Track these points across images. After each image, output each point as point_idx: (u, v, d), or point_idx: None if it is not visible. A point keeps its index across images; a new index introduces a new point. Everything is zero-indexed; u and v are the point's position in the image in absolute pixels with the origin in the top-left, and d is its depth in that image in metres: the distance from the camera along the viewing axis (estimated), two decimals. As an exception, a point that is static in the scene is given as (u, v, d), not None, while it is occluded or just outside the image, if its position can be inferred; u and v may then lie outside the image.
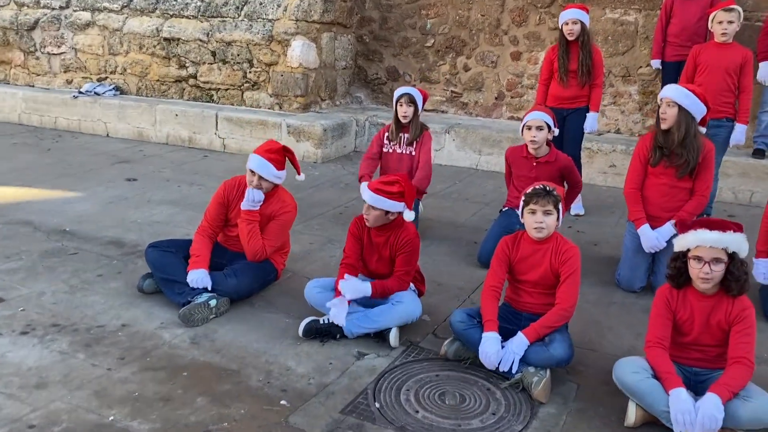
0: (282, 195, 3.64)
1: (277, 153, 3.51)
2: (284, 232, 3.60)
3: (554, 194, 2.86)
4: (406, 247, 3.20)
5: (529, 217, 2.90)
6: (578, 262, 2.90)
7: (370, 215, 3.14)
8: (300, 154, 6.74)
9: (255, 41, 7.25)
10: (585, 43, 4.97)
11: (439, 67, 7.65)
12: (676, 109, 3.54)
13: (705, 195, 3.59)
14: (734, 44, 4.52)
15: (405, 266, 3.20)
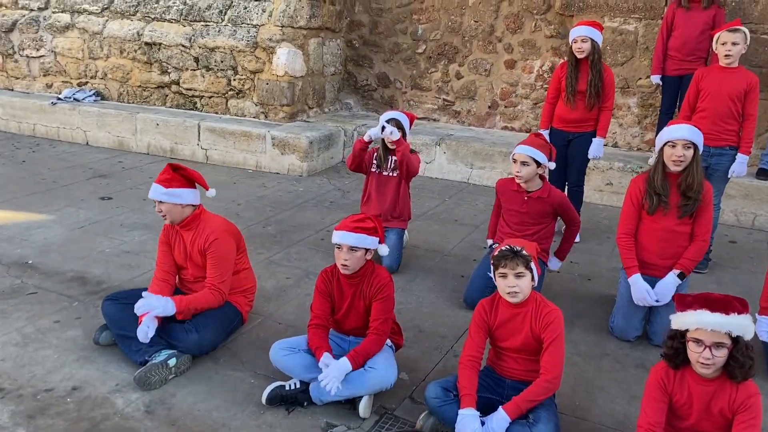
0: (207, 222, 3.30)
1: (165, 173, 3.23)
2: (225, 264, 3.26)
3: (523, 255, 2.61)
4: (382, 293, 2.95)
5: (501, 282, 2.65)
6: (561, 327, 2.66)
7: (351, 259, 2.87)
8: (285, 167, 6.49)
9: (239, 48, 6.95)
10: (595, 62, 4.68)
11: (431, 74, 7.36)
12: (692, 150, 3.28)
13: (706, 239, 3.35)
14: (740, 69, 4.24)
15: (382, 314, 2.95)
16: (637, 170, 5.80)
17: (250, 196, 5.76)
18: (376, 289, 2.95)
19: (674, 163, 3.27)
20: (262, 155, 6.58)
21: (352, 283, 2.98)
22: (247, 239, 4.73)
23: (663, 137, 3.31)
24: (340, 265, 2.90)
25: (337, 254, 2.89)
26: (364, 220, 2.91)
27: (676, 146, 3.25)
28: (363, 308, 3.01)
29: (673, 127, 3.30)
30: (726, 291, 4.32)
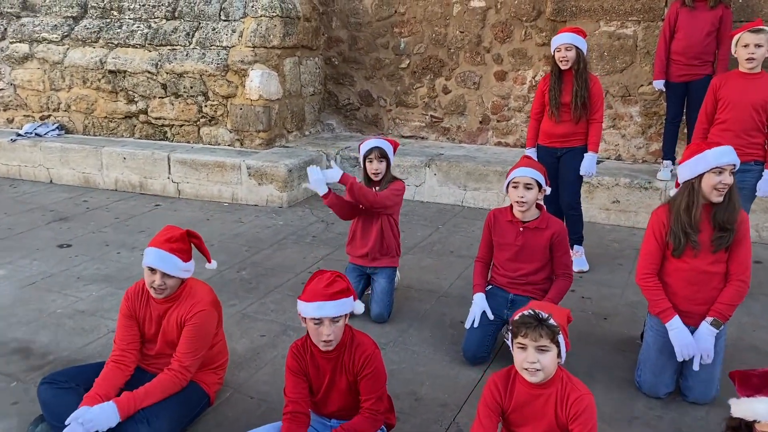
0: (193, 290, 2.83)
1: (180, 241, 2.74)
2: (201, 341, 2.76)
3: (550, 325, 2.12)
4: (368, 367, 2.45)
5: (519, 354, 2.16)
6: (594, 416, 2.16)
7: (333, 333, 2.38)
8: (263, 199, 5.99)
9: (209, 71, 6.47)
10: (580, 72, 4.23)
11: (416, 90, 6.89)
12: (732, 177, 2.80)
13: (744, 279, 2.85)
14: (763, 74, 3.78)
15: (373, 392, 2.45)
16: (645, 186, 5.33)
17: (225, 234, 5.25)
18: (361, 363, 2.46)
19: (717, 193, 2.77)
20: (238, 187, 6.08)
21: (330, 358, 2.47)
22: (219, 288, 4.23)
23: (708, 161, 2.76)
24: (321, 342, 2.40)
25: (315, 330, 2.38)
26: (333, 280, 2.41)
27: (724, 172, 2.76)
28: (346, 385, 2.50)
29: (718, 150, 2.77)
30: (760, 322, 3.88)
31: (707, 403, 2.96)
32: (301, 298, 2.39)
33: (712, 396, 2.95)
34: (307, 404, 2.48)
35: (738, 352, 3.44)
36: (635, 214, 5.38)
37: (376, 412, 2.44)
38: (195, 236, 2.85)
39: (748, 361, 3.33)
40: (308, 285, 2.41)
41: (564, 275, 3.36)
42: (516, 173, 3.29)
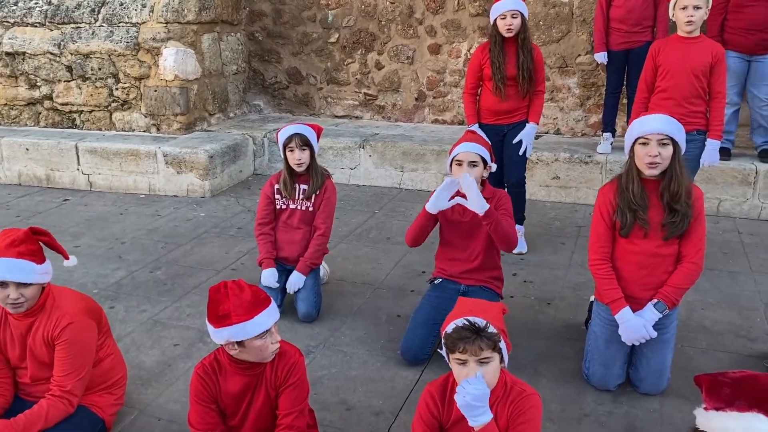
0: (57, 300, 2.39)
1: (27, 242, 2.29)
2: (80, 359, 2.34)
3: (489, 334, 1.83)
4: (292, 377, 2.14)
5: (459, 370, 1.87)
6: (538, 417, 1.90)
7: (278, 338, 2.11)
8: (183, 189, 5.52)
9: (118, 51, 5.89)
10: (525, 41, 3.94)
11: (348, 66, 6.50)
12: (671, 147, 2.55)
13: (697, 261, 2.62)
14: (702, 38, 3.58)
15: (295, 406, 2.14)
16: (586, 160, 5.14)
17: (139, 230, 4.77)
18: (285, 374, 2.14)
19: (649, 166, 2.53)
20: (154, 176, 5.58)
21: (253, 374, 2.13)
22: (129, 291, 3.82)
23: (632, 132, 2.58)
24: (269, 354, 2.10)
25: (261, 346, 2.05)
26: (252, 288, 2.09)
27: (650, 143, 2.52)
28: (264, 402, 2.17)
29: (644, 119, 2.56)
30: (708, 300, 3.70)
31: (659, 394, 2.76)
32: (235, 321, 2.00)
33: (664, 386, 2.75)
34: (219, 426, 2.14)
35: (688, 332, 3.26)
36: (576, 190, 5.19)
37: (295, 428, 2.11)
38: (42, 233, 2.38)
39: (698, 343, 3.16)
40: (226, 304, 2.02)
41: None
42: (459, 150, 3.01)
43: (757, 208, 4.80)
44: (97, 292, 3.79)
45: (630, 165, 2.60)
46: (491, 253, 3.08)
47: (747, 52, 4.64)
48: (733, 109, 4.80)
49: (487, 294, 3.01)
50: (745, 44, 4.60)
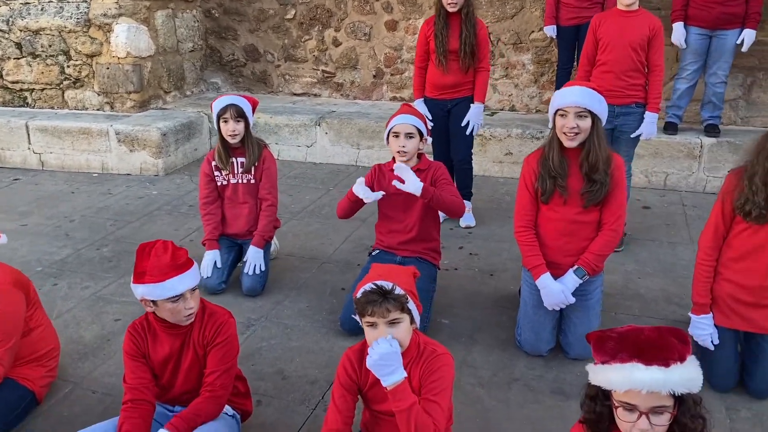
0: None
1: None
2: (9, 326, 2.34)
3: (396, 296, 1.87)
4: (220, 335, 2.17)
5: (370, 333, 1.90)
6: (447, 376, 1.95)
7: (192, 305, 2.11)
8: (137, 167, 5.47)
9: (69, 27, 5.78)
10: (469, 15, 3.95)
11: (305, 43, 6.45)
12: (590, 119, 2.60)
13: (616, 228, 2.69)
14: (641, 12, 3.62)
15: (221, 365, 2.16)
16: (537, 136, 5.19)
17: (89, 209, 4.72)
18: (213, 332, 2.17)
19: (567, 137, 2.59)
20: (107, 155, 5.51)
21: (178, 333, 2.15)
22: (74, 268, 3.79)
23: (553, 104, 2.63)
24: (184, 318, 2.12)
25: (175, 308, 2.07)
26: (174, 251, 2.10)
27: (567, 115, 2.57)
28: (192, 362, 2.19)
29: (563, 91, 2.61)
30: (646, 269, 3.81)
31: (588, 359, 2.83)
32: (148, 280, 2.03)
33: (592, 351, 2.82)
34: (150, 391, 2.17)
35: (623, 300, 3.35)
36: (529, 165, 5.24)
37: (217, 388, 2.14)
38: None
39: (631, 310, 3.25)
40: (145, 263, 2.06)
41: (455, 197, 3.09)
42: (395, 122, 3.06)
43: (702, 181, 4.90)
44: (41, 270, 3.76)
45: (552, 135, 2.66)
46: (428, 226, 3.13)
47: (709, 26, 4.62)
48: (688, 85, 4.84)
49: (423, 265, 3.06)
50: (707, 18, 4.58)
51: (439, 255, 3.24)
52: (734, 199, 2.40)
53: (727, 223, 2.48)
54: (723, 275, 2.52)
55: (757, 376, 2.53)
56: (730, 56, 4.67)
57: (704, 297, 2.55)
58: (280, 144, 5.88)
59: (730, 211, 2.44)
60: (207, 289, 3.44)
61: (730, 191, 2.43)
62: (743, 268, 2.46)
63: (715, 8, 4.51)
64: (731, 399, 2.58)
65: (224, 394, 2.17)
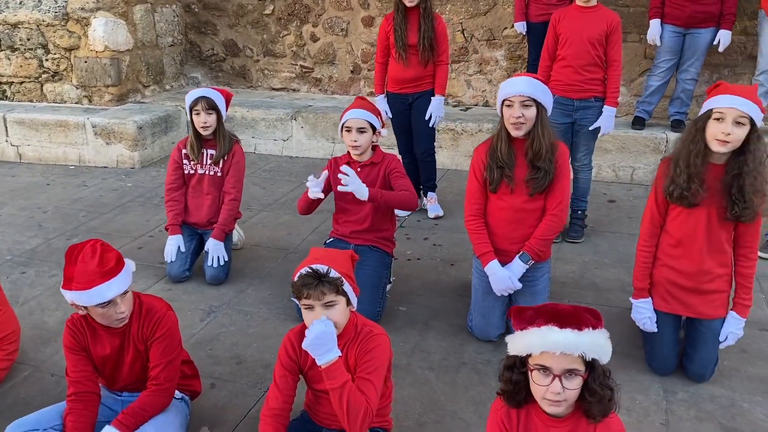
0: None
1: None
2: None
3: (331, 279, 1.94)
4: (159, 330, 2.20)
5: (308, 315, 1.98)
6: (381, 355, 2.02)
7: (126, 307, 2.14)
8: (113, 160, 5.53)
9: (47, 21, 5.83)
10: (427, 10, 4.03)
11: (284, 38, 6.51)
12: (534, 108, 2.68)
13: (558, 213, 2.78)
14: (599, 8, 3.70)
15: (163, 357, 2.20)
16: (508, 130, 5.26)
17: (63, 200, 4.78)
18: (151, 328, 2.20)
19: (514, 127, 2.67)
20: (84, 147, 5.56)
21: (116, 333, 2.20)
22: (43, 257, 3.85)
23: (500, 94, 2.70)
24: (116, 321, 2.14)
25: (105, 313, 2.10)
26: (103, 252, 2.10)
27: (513, 105, 2.65)
28: (134, 357, 2.24)
29: (508, 82, 2.69)
30: (604, 260, 3.90)
31: (537, 344, 2.92)
32: (75, 287, 2.04)
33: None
34: (93, 383, 2.21)
35: (577, 289, 3.44)
36: (500, 160, 5.32)
37: (164, 380, 2.19)
38: None
39: (585, 299, 3.33)
40: (72, 268, 2.06)
41: (406, 191, 3.16)
42: (348, 116, 3.12)
43: (668, 175, 4.98)
44: (11, 258, 3.82)
45: (500, 126, 2.73)
46: (381, 217, 3.19)
47: (683, 24, 4.70)
48: (661, 82, 4.91)
49: (376, 253, 3.14)
50: (681, 16, 4.66)
51: (392, 243, 3.31)
52: (663, 185, 2.49)
53: (662, 209, 2.56)
54: (661, 261, 2.61)
55: (695, 360, 2.62)
56: (703, 54, 4.76)
57: (642, 282, 2.63)
58: (256, 138, 5.94)
59: (663, 197, 2.52)
60: (171, 277, 3.51)
61: (660, 178, 2.52)
62: (679, 253, 2.54)
63: (689, 6, 4.59)
64: (670, 381, 2.67)
65: (170, 386, 2.21)
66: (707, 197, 2.43)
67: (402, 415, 2.48)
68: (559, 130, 3.88)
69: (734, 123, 2.30)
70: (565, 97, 3.77)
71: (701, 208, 2.46)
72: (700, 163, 2.40)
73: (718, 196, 2.43)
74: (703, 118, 2.38)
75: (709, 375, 2.63)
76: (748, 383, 2.65)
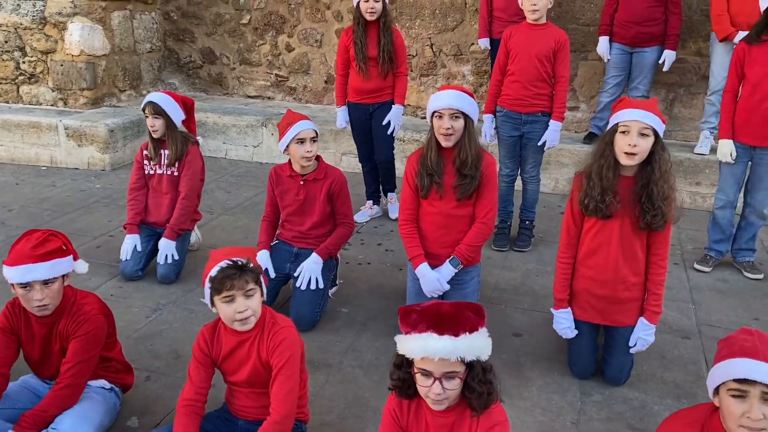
0: None
1: None
2: None
3: (252, 268, 2.07)
4: (81, 330, 2.27)
5: (227, 308, 2.09)
6: (292, 347, 2.13)
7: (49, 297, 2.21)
8: (84, 162, 5.63)
9: (25, 24, 5.95)
10: (386, 24, 4.17)
11: (259, 47, 6.65)
12: (462, 120, 2.81)
13: (487, 221, 2.91)
14: (548, 25, 3.84)
15: (76, 357, 2.25)
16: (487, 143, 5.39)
17: (31, 199, 4.87)
18: (76, 325, 2.28)
19: (444, 137, 2.80)
20: (56, 149, 5.67)
21: (45, 323, 2.30)
22: (2, 253, 3.91)
23: (430, 107, 2.83)
24: (35, 308, 2.21)
25: (24, 296, 2.19)
26: (45, 239, 2.23)
27: (443, 117, 2.78)
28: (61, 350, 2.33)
29: (438, 94, 2.82)
30: (546, 268, 3.98)
31: (467, 346, 3.03)
32: (5, 262, 2.17)
33: (471, 338, 3.02)
34: (6, 366, 2.27)
35: (515, 295, 3.55)
36: (462, 171, 5.45)
37: (70, 377, 2.23)
38: None
39: (521, 305, 3.44)
40: (15, 246, 2.21)
41: (343, 224, 3.32)
42: (299, 128, 3.18)
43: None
44: (-30, 254, 3.90)
45: (430, 136, 2.86)
46: (324, 227, 3.32)
47: (629, 43, 4.88)
48: (610, 99, 5.06)
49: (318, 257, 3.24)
50: (627, 35, 4.84)
51: (336, 248, 3.42)
52: (579, 198, 2.61)
53: (578, 221, 2.69)
54: (579, 271, 2.72)
55: (611, 365, 2.73)
56: (650, 72, 4.92)
57: (561, 293, 2.75)
58: (227, 143, 6.06)
59: (578, 210, 2.64)
60: (124, 275, 3.61)
61: (575, 191, 2.64)
62: (594, 263, 2.66)
63: (633, 27, 4.79)
64: (588, 384, 2.78)
65: (77, 383, 2.25)
66: (620, 208, 2.56)
67: (326, 409, 2.59)
68: (508, 142, 4.04)
69: (639, 135, 2.44)
70: (514, 111, 3.90)
71: (615, 218, 2.58)
72: (611, 176, 2.52)
73: (630, 207, 2.55)
74: (610, 133, 2.51)
75: (624, 379, 2.74)
76: (662, 387, 2.77)
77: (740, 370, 1.57)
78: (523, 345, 3.08)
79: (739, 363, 1.58)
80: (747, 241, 3.85)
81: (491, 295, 3.53)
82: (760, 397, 1.56)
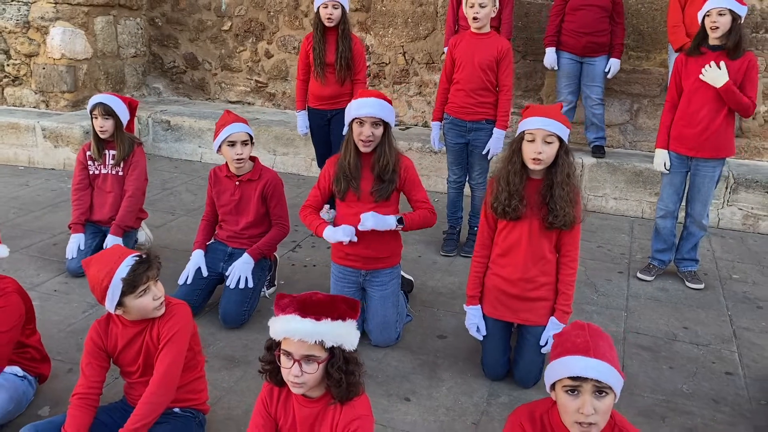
0: None
1: None
2: None
3: (153, 256, 2.20)
4: None
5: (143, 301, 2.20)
6: (181, 323, 2.22)
7: None
8: (61, 162, 5.77)
9: (9, 28, 6.13)
10: (345, 31, 4.25)
11: (240, 53, 6.78)
12: (382, 127, 2.88)
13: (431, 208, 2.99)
14: (492, 34, 3.91)
15: None
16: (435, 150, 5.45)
17: (1, 198, 5.01)
18: None
19: (364, 144, 2.87)
20: (34, 149, 5.82)
21: None
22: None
23: (349, 113, 2.89)
24: None
25: None
26: None
27: (364, 124, 2.84)
28: None
29: (359, 102, 2.88)
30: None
31: (389, 346, 3.09)
32: None
33: (393, 339, 3.09)
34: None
35: (450, 299, 3.59)
36: (427, 178, 5.50)
37: None
38: None
39: (454, 308, 3.49)
40: None
41: (277, 224, 3.40)
42: (230, 131, 3.24)
43: (583, 199, 5.14)
44: (-70, 248, 4.03)
45: (348, 140, 2.92)
46: (258, 228, 3.40)
47: (578, 53, 4.97)
48: (567, 107, 5.12)
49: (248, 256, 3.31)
50: (577, 45, 4.93)
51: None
52: (489, 202, 2.67)
53: (491, 223, 2.74)
54: (492, 270, 2.78)
55: (520, 366, 2.77)
56: (601, 80, 4.97)
57: (473, 290, 2.80)
58: (203, 147, 6.17)
59: (491, 213, 2.70)
60: (70, 272, 3.71)
61: (488, 195, 2.69)
62: (506, 263, 2.71)
63: (583, 38, 4.85)
64: (497, 386, 2.82)
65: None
66: (528, 210, 2.61)
67: (234, 404, 2.65)
68: (455, 150, 4.10)
69: (544, 142, 2.49)
70: (459, 118, 3.96)
71: (524, 220, 2.63)
72: (518, 181, 2.58)
73: (537, 208, 2.61)
74: (517, 140, 2.57)
75: (534, 381, 2.78)
76: (572, 391, 2.79)
77: (572, 368, 1.62)
78: (445, 347, 3.13)
79: (572, 361, 1.63)
80: (689, 251, 3.86)
81: (426, 298, 3.59)
82: (591, 392, 1.61)
